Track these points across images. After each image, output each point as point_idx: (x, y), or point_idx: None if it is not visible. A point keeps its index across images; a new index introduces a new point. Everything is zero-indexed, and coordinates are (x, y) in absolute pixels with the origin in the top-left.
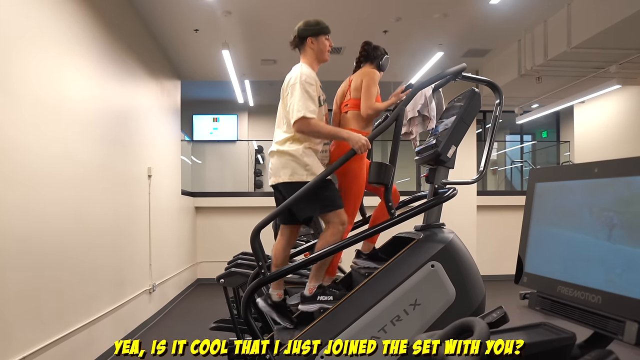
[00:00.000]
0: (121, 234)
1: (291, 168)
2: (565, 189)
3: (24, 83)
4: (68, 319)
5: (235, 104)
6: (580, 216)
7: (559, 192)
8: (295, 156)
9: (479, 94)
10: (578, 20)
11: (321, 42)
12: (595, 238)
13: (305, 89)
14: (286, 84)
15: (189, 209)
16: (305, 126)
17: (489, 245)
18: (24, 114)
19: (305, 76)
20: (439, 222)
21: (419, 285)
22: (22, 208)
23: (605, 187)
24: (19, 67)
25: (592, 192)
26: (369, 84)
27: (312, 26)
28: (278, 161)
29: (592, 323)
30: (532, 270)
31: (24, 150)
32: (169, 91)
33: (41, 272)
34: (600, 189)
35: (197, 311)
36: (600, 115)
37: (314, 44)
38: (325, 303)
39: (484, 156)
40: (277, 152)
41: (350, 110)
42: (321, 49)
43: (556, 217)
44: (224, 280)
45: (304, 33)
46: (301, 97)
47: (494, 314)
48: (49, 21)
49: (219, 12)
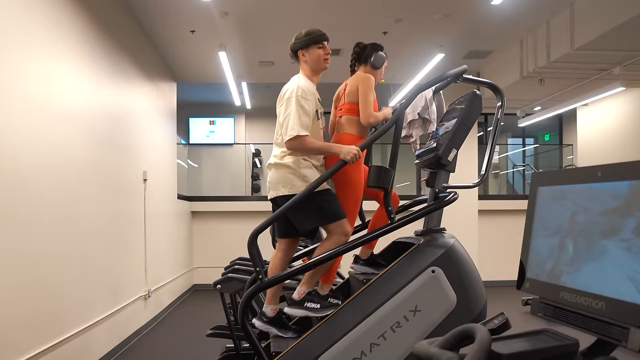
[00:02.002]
0: (116, 239)
1: (289, 181)
2: (568, 193)
3: (15, 83)
4: (62, 325)
5: (232, 106)
6: (583, 221)
7: (561, 196)
8: (293, 168)
9: (480, 97)
10: (581, 21)
11: (313, 52)
12: (598, 243)
13: (301, 104)
14: (281, 95)
15: (185, 213)
16: (297, 145)
17: (491, 251)
18: (16, 116)
19: (301, 90)
20: (440, 227)
21: (420, 291)
22: (15, 212)
23: (610, 191)
24: (9, 67)
25: (596, 196)
26: (365, 91)
27: (301, 39)
28: (276, 174)
29: (596, 330)
30: (534, 276)
31: (16, 153)
32: (164, 93)
33: (35, 277)
34: (604, 193)
35: (193, 318)
36: (604, 118)
37: (305, 56)
38: (311, 311)
39: (486, 160)
40: (275, 165)
41: (345, 115)
42: (314, 59)
43: (559, 221)
44: (221, 286)
45: (295, 47)
46: (295, 113)
47: (496, 321)
48: (41, 21)
49: (216, 13)
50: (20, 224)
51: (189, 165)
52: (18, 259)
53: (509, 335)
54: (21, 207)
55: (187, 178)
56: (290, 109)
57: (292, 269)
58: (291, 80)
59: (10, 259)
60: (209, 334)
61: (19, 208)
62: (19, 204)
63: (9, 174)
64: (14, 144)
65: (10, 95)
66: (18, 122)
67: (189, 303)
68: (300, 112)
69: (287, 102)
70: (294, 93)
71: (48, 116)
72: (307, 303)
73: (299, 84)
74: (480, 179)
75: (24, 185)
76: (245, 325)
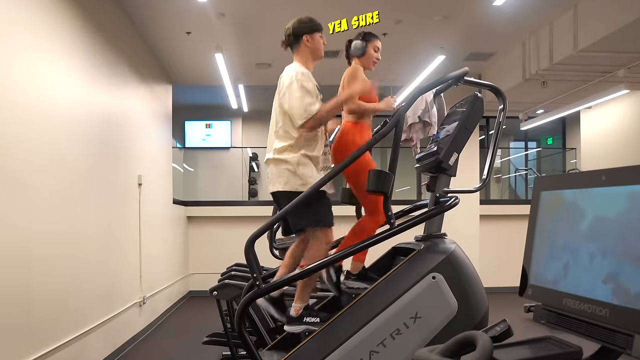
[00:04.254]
0: (110, 245)
1: (286, 177)
2: (571, 197)
3: (7, 86)
4: (56, 332)
5: (228, 109)
6: (587, 226)
7: (565, 201)
8: (292, 163)
9: (481, 99)
10: (585, 22)
11: (316, 39)
12: (603, 249)
13: (302, 85)
14: (281, 85)
15: (180, 218)
16: (313, 123)
17: (492, 256)
18: (8, 119)
19: (300, 74)
20: (441, 232)
21: (420, 297)
22: (6, 217)
23: (614, 196)
24: (2, 69)
25: (600, 201)
26: (348, 80)
27: (306, 23)
28: (275, 169)
29: (600, 337)
30: (537, 282)
31: (8, 157)
32: (160, 96)
33: (27, 284)
34: (609, 198)
35: (189, 325)
36: (608, 121)
37: (309, 41)
38: (312, 325)
39: (487, 164)
40: (274, 160)
41: None
42: (317, 46)
43: (562, 227)
44: (217, 292)
45: (300, 30)
46: (300, 96)
47: (498, 328)
48: (35, 22)
49: (212, 14)
50: (11, 229)
51: (184, 169)
52: (10, 266)
53: (511, 342)
54: (11, 212)
55: (182, 182)
56: (294, 94)
57: (284, 277)
58: (287, 69)
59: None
60: (205, 341)
61: (9, 212)
62: (9, 208)
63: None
64: (6, 148)
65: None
66: (12, 125)
67: (185, 310)
68: (304, 93)
69: (289, 89)
70: (294, 77)
71: (39, 119)
72: (306, 318)
73: (297, 69)
74: (481, 184)
75: (16, 189)
76: (242, 333)
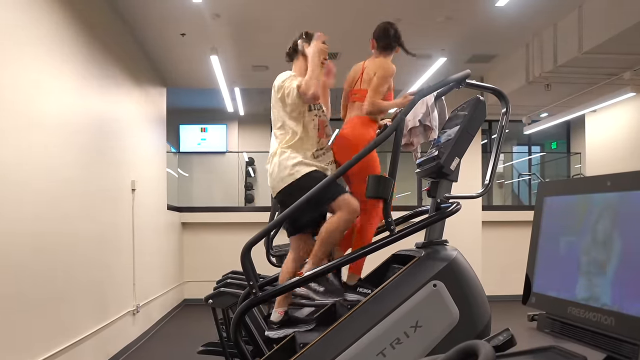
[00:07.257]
0: (103, 252)
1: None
2: (576, 203)
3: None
4: (47, 342)
5: (224, 113)
6: (592, 233)
7: (569, 207)
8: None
9: (484, 103)
10: (590, 23)
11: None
12: (608, 256)
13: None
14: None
15: (175, 224)
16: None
17: (495, 264)
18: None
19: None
20: (442, 239)
21: (421, 306)
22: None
23: (619, 202)
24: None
25: (605, 207)
26: (380, 82)
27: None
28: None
29: (605, 346)
30: (540, 290)
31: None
32: (154, 99)
33: (19, 292)
34: (614, 204)
35: (184, 333)
36: (614, 125)
37: None
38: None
39: (490, 169)
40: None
41: (359, 101)
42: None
43: (566, 233)
44: (213, 300)
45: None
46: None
47: (500, 337)
48: (26, 24)
49: (207, 15)
50: (1, 235)
51: (179, 174)
52: (0, 273)
53: (514, 352)
54: (4, 218)
55: (177, 188)
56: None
57: (290, 281)
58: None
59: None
60: (201, 350)
61: (2, 218)
62: (2, 214)
63: None
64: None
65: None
66: (2, 130)
67: (180, 318)
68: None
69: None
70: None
71: (29, 123)
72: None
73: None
74: (484, 189)
75: (7, 195)
76: (238, 342)
